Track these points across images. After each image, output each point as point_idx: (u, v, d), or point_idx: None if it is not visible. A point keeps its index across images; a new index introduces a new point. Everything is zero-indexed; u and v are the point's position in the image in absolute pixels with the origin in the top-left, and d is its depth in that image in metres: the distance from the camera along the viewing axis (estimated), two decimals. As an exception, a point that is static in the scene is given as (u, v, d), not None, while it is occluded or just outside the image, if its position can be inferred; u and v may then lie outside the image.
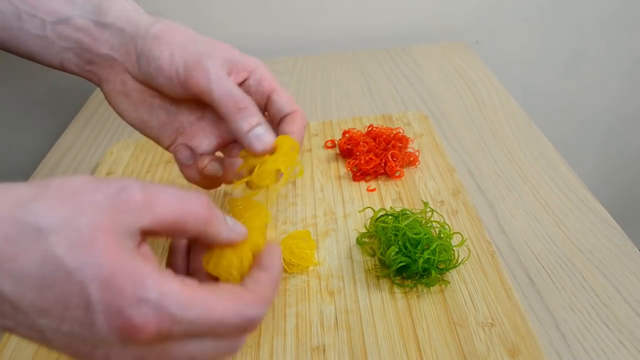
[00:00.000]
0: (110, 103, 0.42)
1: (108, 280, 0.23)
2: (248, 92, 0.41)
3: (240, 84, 0.40)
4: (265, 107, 0.41)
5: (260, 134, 0.38)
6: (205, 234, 0.28)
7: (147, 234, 0.26)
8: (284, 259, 0.42)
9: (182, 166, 0.41)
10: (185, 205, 0.26)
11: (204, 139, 0.42)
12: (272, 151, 0.38)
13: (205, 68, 0.37)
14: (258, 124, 0.37)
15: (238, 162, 0.41)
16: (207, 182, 0.42)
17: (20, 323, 0.23)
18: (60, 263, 0.22)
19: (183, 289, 0.24)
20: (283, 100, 0.41)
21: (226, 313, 0.25)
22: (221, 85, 0.37)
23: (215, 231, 0.28)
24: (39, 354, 0.36)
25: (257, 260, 0.30)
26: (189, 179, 0.42)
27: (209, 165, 0.40)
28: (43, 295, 0.22)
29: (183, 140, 0.41)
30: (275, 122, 0.41)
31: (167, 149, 0.42)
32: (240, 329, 0.26)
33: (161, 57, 0.38)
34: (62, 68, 0.42)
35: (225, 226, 0.29)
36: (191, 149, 0.41)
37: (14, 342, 0.37)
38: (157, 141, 0.43)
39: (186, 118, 0.41)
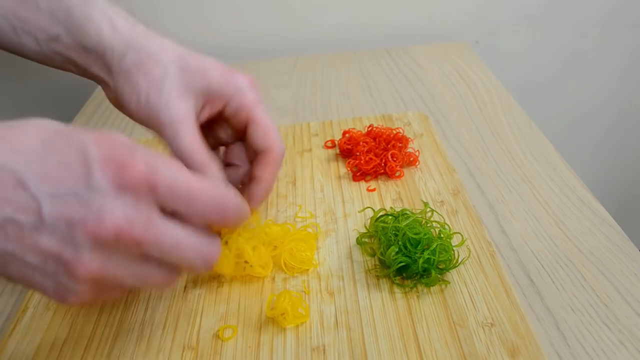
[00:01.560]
0: (113, 105, 0.43)
1: (103, 138, 0.26)
2: (227, 118, 0.40)
3: (219, 113, 0.40)
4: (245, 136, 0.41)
5: None
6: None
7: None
8: (284, 263, 0.42)
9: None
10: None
11: (208, 138, 0.41)
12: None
13: (161, 125, 0.37)
14: None
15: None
16: None
17: (19, 205, 0.24)
18: (60, 134, 0.26)
19: (173, 161, 0.28)
20: (257, 134, 0.39)
21: (208, 185, 0.29)
22: (174, 146, 0.37)
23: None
24: (39, 355, 0.37)
25: None
26: None
27: None
28: (44, 161, 0.25)
29: None
30: (251, 157, 0.41)
31: None
32: (220, 207, 0.29)
33: (130, 103, 0.38)
34: (67, 71, 0.43)
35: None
36: None
37: (14, 342, 0.38)
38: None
39: None
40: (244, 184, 0.43)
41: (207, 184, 0.29)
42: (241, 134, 0.42)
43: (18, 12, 0.38)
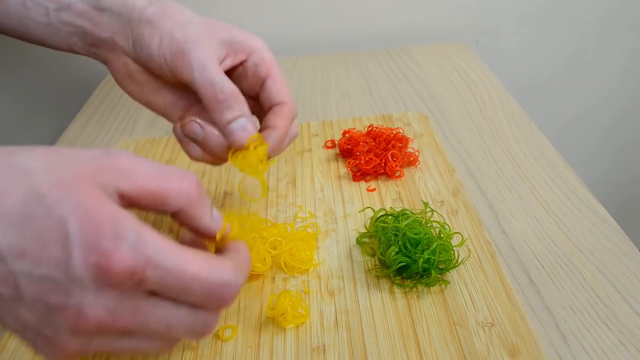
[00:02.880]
0: (117, 83, 0.43)
1: (87, 216, 0.23)
2: (245, 74, 0.40)
3: (238, 66, 0.40)
4: (259, 93, 0.41)
5: (236, 129, 0.37)
6: (186, 213, 0.28)
7: (128, 202, 0.26)
8: (284, 262, 0.41)
9: (184, 143, 0.41)
10: (170, 178, 0.26)
11: None
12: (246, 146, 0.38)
13: (188, 57, 0.36)
14: (236, 117, 0.37)
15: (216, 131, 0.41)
16: (210, 158, 0.41)
17: (0, 272, 0.23)
18: (41, 199, 0.23)
19: (162, 239, 0.25)
20: (275, 88, 0.40)
21: (203, 270, 0.25)
22: (203, 75, 0.36)
23: (198, 213, 0.28)
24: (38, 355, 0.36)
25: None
26: (192, 157, 0.41)
27: (188, 125, 0.39)
28: (22, 234, 0.23)
29: (191, 115, 0.41)
30: (265, 110, 0.41)
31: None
32: (216, 294, 0.26)
33: (151, 45, 0.37)
34: (70, 51, 0.42)
35: (209, 213, 0.29)
36: (200, 124, 0.40)
37: (13, 343, 0.37)
38: (167, 118, 0.42)
39: (193, 95, 0.41)
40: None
41: (203, 267, 0.25)
42: (253, 93, 0.42)
43: None
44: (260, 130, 0.41)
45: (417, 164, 0.53)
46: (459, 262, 0.40)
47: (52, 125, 0.90)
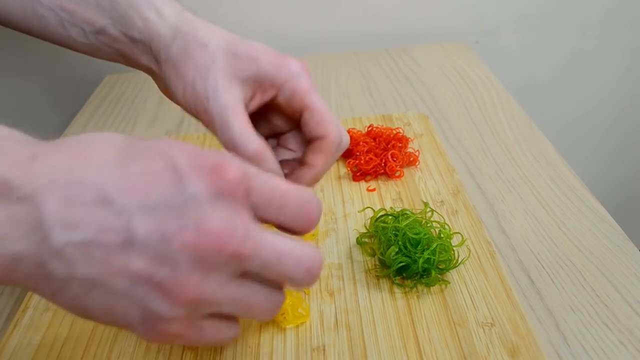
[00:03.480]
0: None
1: (186, 147, 0.24)
2: (280, 108, 0.38)
3: (270, 101, 0.37)
4: (300, 123, 0.38)
5: None
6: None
7: None
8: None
9: None
10: None
11: (259, 127, 0.40)
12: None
13: (210, 115, 0.35)
14: None
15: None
16: None
17: (104, 223, 0.22)
18: (136, 142, 0.24)
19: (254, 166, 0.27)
20: (312, 122, 0.36)
21: (291, 186, 0.27)
22: (224, 135, 0.34)
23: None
24: (39, 355, 0.37)
25: None
26: None
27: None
28: (126, 173, 0.23)
29: None
30: (307, 141, 0.38)
31: None
32: (305, 207, 0.27)
33: (177, 94, 0.36)
34: (117, 62, 0.42)
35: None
36: None
37: (14, 342, 0.38)
38: None
39: None
40: (291, 172, 0.40)
41: (293, 186, 0.27)
42: (296, 122, 0.39)
43: (65, 5, 0.38)
44: (300, 163, 0.38)
45: (417, 164, 0.53)
46: (459, 262, 0.40)
47: (52, 125, 0.91)
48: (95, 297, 0.23)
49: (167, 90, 0.39)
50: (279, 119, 0.40)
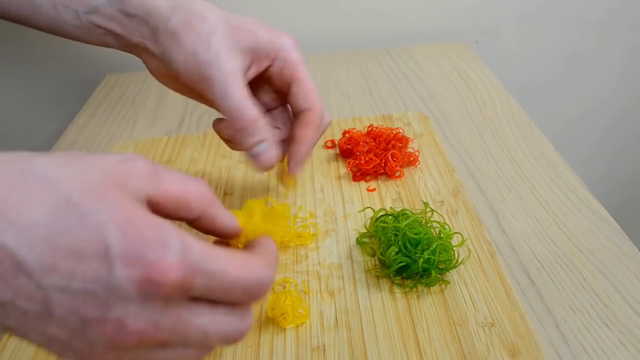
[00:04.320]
0: (154, 77, 0.43)
1: (127, 224, 0.21)
2: (272, 78, 0.40)
3: (265, 71, 0.40)
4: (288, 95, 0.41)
5: (258, 153, 0.37)
6: (208, 215, 0.27)
7: (154, 209, 0.25)
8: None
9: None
10: (190, 183, 0.26)
11: None
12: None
13: (211, 81, 0.36)
14: (256, 143, 0.37)
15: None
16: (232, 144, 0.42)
17: (20, 291, 0.21)
18: (73, 208, 0.21)
19: (203, 243, 0.23)
20: (300, 94, 0.39)
21: (242, 271, 0.24)
22: (224, 102, 0.36)
23: (218, 213, 0.28)
24: (39, 355, 0.36)
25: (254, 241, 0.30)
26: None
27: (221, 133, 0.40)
28: (52, 247, 0.20)
29: None
30: (295, 115, 0.41)
31: None
32: (252, 293, 0.25)
33: (178, 63, 0.37)
34: (106, 46, 0.42)
35: (225, 212, 0.29)
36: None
37: (13, 342, 0.38)
38: (207, 105, 0.43)
39: None
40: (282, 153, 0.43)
41: (243, 271, 0.25)
42: (283, 97, 0.41)
43: None
44: (289, 140, 0.41)
45: (417, 164, 0.53)
46: (459, 262, 0.40)
47: (52, 125, 0.90)
48: (22, 337, 0.23)
49: (159, 68, 0.40)
50: (268, 94, 0.42)
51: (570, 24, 0.92)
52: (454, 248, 0.41)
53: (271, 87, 0.42)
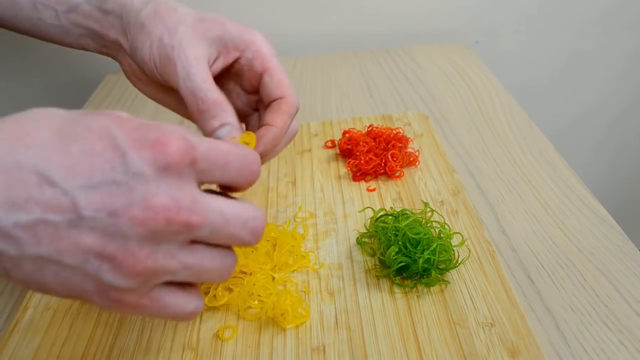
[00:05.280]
0: (129, 81, 0.43)
1: (126, 121, 0.24)
2: (242, 71, 0.40)
3: (233, 64, 0.39)
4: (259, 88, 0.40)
5: (221, 137, 0.36)
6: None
7: None
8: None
9: None
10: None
11: None
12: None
13: (174, 64, 0.36)
14: (219, 127, 0.36)
15: None
16: None
17: (49, 204, 0.22)
18: (76, 121, 0.24)
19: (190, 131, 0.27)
20: (272, 83, 0.38)
21: (231, 147, 0.28)
22: (186, 84, 0.36)
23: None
24: (39, 355, 0.37)
25: None
26: None
27: None
28: (67, 154, 0.23)
29: None
30: (265, 105, 0.40)
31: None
32: (247, 165, 0.28)
33: (143, 50, 0.37)
34: (83, 49, 0.43)
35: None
36: None
37: (14, 342, 0.38)
38: (179, 114, 0.43)
39: None
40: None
41: (232, 145, 0.28)
42: (252, 92, 0.41)
43: None
44: (258, 128, 0.39)
45: (417, 164, 0.53)
46: (459, 262, 0.40)
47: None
48: (49, 273, 0.23)
49: (131, 66, 0.41)
50: (240, 99, 0.42)
51: (570, 24, 0.92)
52: (454, 248, 0.41)
53: (243, 86, 0.41)
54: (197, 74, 0.36)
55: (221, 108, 0.36)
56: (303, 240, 0.45)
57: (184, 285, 0.27)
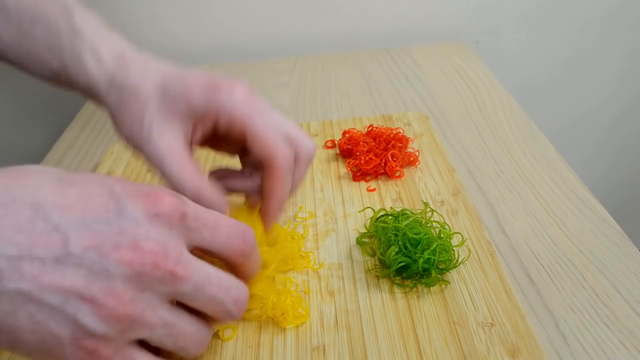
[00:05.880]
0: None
1: (125, 181, 0.26)
2: (227, 135, 0.36)
3: (215, 129, 0.36)
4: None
5: None
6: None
7: None
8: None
9: None
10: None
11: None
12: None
13: (150, 161, 0.35)
14: None
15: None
16: None
17: (39, 237, 0.22)
18: (75, 173, 0.26)
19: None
20: (255, 147, 0.35)
21: (224, 216, 0.29)
22: (168, 180, 0.35)
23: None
24: (39, 354, 0.36)
25: None
26: None
27: None
28: (64, 194, 0.24)
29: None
30: (258, 165, 0.37)
31: None
32: (239, 232, 0.30)
33: (121, 137, 0.36)
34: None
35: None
36: None
37: (14, 342, 0.37)
38: None
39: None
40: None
41: (222, 215, 0.29)
42: (247, 153, 0.39)
43: (22, 44, 0.38)
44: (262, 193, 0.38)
45: (417, 164, 0.53)
46: (459, 262, 0.40)
47: (51, 126, 0.90)
48: (23, 315, 0.22)
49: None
50: (232, 147, 0.40)
51: (571, 24, 0.92)
52: (454, 248, 0.41)
53: (231, 144, 0.39)
54: (171, 165, 0.34)
55: (199, 194, 0.34)
56: (303, 240, 0.45)
57: (158, 355, 0.27)
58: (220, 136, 0.37)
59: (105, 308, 0.23)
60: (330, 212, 0.48)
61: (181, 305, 0.27)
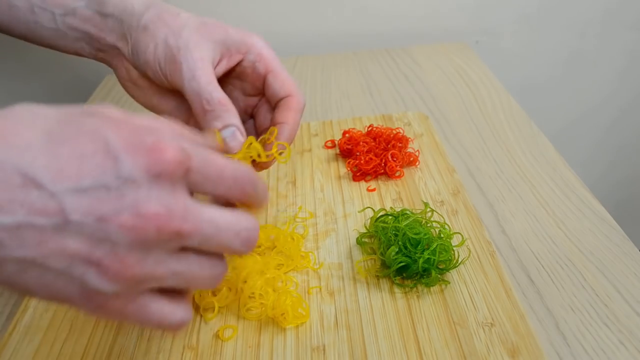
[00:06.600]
0: (123, 88, 0.43)
1: (120, 122, 0.23)
2: (245, 74, 0.41)
3: (236, 66, 0.40)
4: (264, 89, 0.41)
5: (225, 137, 0.36)
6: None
7: None
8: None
9: None
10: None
11: None
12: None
13: (179, 65, 0.36)
14: (223, 128, 0.36)
15: None
16: None
17: (34, 206, 0.21)
18: (66, 122, 0.23)
19: (193, 135, 0.27)
20: (277, 83, 0.40)
21: (230, 163, 0.27)
22: (191, 84, 0.36)
23: None
24: (39, 355, 0.37)
25: None
26: None
27: None
28: (55, 155, 0.22)
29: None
30: (272, 106, 0.41)
31: None
32: (243, 180, 0.27)
33: (146, 52, 0.38)
34: (77, 54, 0.43)
35: None
36: None
37: (14, 342, 0.38)
38: (176, 119, 0.43)
39: None
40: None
41: (229, 161, 0.27)
42: (253, 94, 0.42)
43: None
44: (262, 130, 0.41)
45: (417, 164, 0.53)
46: (459, 262, 0.40)
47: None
48: (31, 276, 0.22)
49: (129, 72, 0.41)
50: (239, 93, 0.42)
51: (570, 24, 0.92)
52: (454, 248, 0.41)
53: (244, 89, 0.42)
54: (202, 75, 0.36)
55: (225, 109, 0.36)
56: (303, 240, 0.45)
57: (173, 295, 0.27)
58: (235, 75, 0.41)
59: (110, 271, 0.23)
60: (330, 212, 0.48)
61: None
